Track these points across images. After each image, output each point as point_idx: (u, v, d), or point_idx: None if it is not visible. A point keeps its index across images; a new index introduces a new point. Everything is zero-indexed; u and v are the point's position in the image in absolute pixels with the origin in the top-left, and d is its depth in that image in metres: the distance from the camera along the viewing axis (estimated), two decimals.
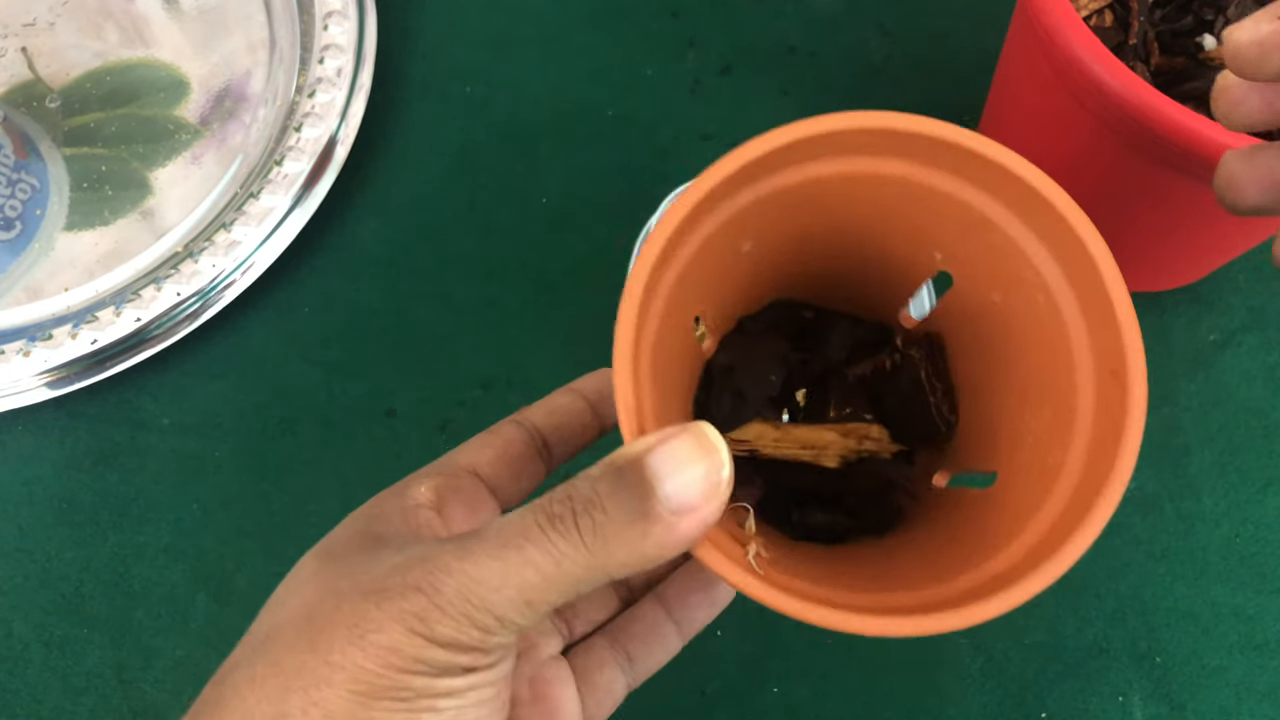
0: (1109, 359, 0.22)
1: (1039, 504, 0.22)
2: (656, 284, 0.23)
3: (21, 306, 0.46)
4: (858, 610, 0.21)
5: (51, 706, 0.41)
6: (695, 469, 0.19)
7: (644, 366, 0.22)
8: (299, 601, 0.21)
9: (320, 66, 0.49)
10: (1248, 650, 0.41)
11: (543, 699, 0.24)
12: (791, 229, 0.26)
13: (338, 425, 0.45)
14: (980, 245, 0.24)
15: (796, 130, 0.22)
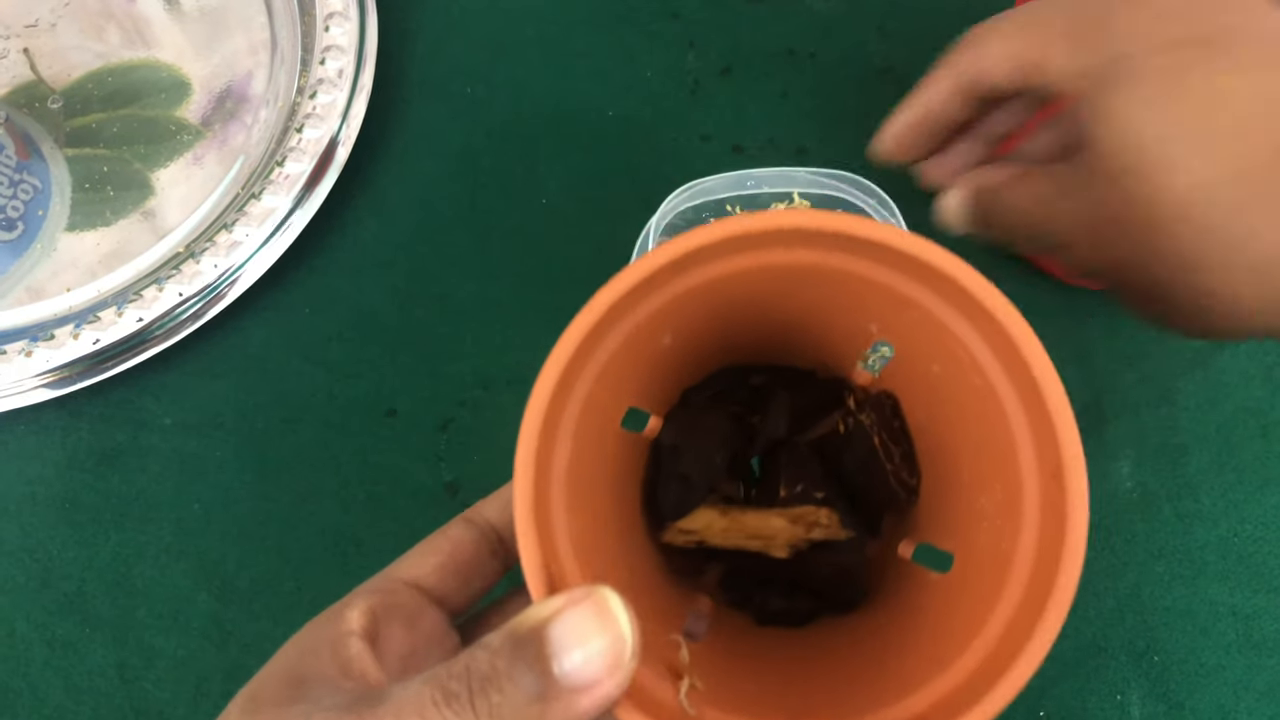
0: (1049, 459, 0.22)
1: (994, 599, 0.22)
2: (564, 402, 0.22)
3: (23, 307, 0.47)
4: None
5: (54, 706, 0.41)
6: (597, 642, 0.18)
7: (557, 502, 0.22)
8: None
9: (321, 67, 0.49)
10: (1246, 649, 0.41)
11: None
12: (717, 319, 0.26)
13: (338, 425, 0.45)
14: (911, 322, 0.24)
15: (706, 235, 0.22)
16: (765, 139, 0.50)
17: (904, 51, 0.52)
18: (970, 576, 0.23)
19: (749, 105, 0.51)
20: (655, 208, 0.42)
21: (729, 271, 0.24)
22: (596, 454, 0.24)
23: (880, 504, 0.27)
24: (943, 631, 0.23)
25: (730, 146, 0.50)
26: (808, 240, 0.23)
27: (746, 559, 0.27)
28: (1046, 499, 0.22)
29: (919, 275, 0.23)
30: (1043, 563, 0.21)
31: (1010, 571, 0.22)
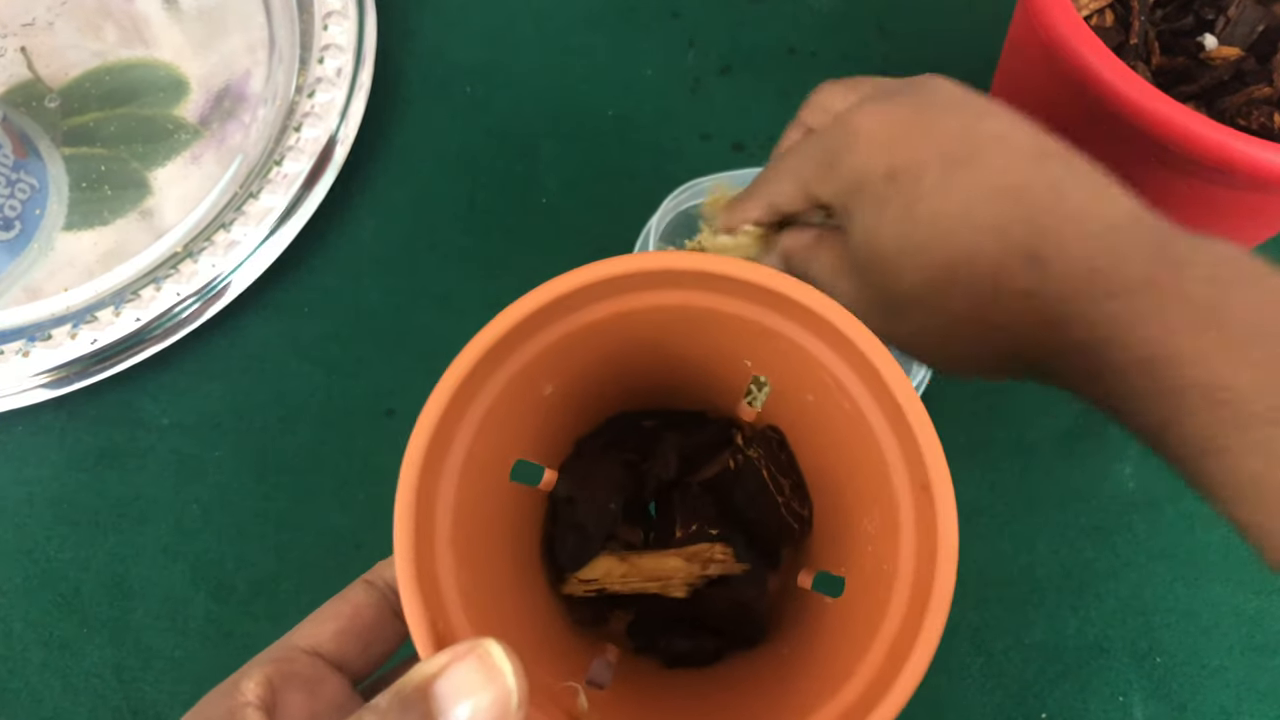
0: (918, 474, 0.22)
1: (880, 617, 0.22)
2: (443, 457, 0.22)
3: (21, 306, 0.46)
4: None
5: (51, 706, 0.41)
6: (482, 695, 0.18)
7: (444, 557, 0.22)
8: None
9: (320, 66, 0.49)
10: (1248, 650, 0.41)
11: None
12: (598, 365, 0.26)
13: (336, 425, 0.45)
14: (779, 354, 0.25)
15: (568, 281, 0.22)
16: (766, 137, 0.50)
17: (904, 51, 0.52)
18: (859, 598, 0.24)
19: (749, 104, 0.51)
20: (656, 207, 0.42)
21: (599, 317, 0.24)
22: (486, 507, 0.24)
23: (775, 536, 0.28)
24: (837, 653, 0.23)
25: (730, 145, 0.50)
26: (672, 281, 0.23)
27: (650, 603, 0.27)
28: (919, 513, 0.22)
29: (781, 308, 0.23)
30: (920, 576, 0.22)
31: (893, 588, 0.22)
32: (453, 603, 0.21)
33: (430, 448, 0.22)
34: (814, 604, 0.26)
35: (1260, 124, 0.35)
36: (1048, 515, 0.43)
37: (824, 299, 0.22)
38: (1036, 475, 0.43)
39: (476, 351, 0.22)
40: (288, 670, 0.22)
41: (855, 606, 0.24)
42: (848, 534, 0.26)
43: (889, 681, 0.21)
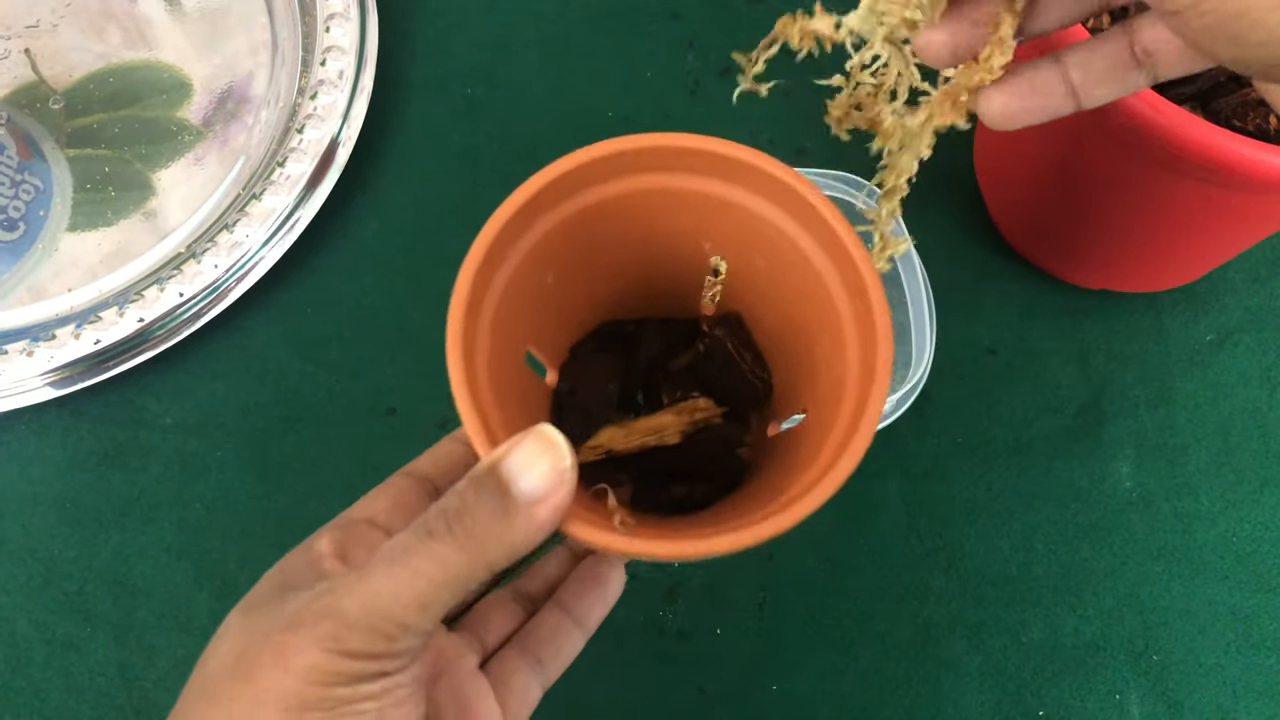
0: (852, 281, 0.26)
1: (835, 417, 0.26)
2: (475, 324, 0.26)
3: (25, 307, 0.47)
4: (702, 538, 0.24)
5: (55, 705, 0.41)
6: (541, 464, 0.23)
7: (485, 394, 0.25)
8: (227, 649, 0.23)
9: (322, 68, 0.49)
10: (1244, 648, 0.41)
11: (466, 711, 0.27)
12: (584, 253, 0.29)
13: (339, 424, 0.45)
14: (733, 224, 0.29)
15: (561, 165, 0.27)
16: (765, 139, 0.50)
17: None
18: (818, 411, 0.28)
19: (749, 105, 0.51)
20: None
21: (588, 204, 0.28)
22: (510, 372, 0.28)
23: (744, 400, 0.32)
24: (804, 451, 0.27)
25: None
26: (646, 159, 0.28)
27: (648, 462, 0.31)
28: (858, 318, 0.26)
29: (734, 177, 0.28)
30: (865, 361, 0.26)
31: (845, 387, 0.26)
32: (496, 428, 0.25)
33: (472, 291, 0.26)
34: (783, 440, 0.30)
35: (1256, 126, 0.36)
36: (1045, 514, 0.43)
37: (769, 159, 0.27)
38: (1034, 474, 0.43)
39: (495, 225, 0.26)
40: (353, 533, 0.26)
41: (816, 419, 0.28)
42: (803, 376, 0.30)
43: (846, 444, 0.25)
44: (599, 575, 0.30)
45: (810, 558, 0.42)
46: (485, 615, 0.30)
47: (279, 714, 0.21)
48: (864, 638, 0.41)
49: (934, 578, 0.42)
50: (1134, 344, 0.46)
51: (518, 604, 0.30)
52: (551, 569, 0.31)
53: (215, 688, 0.22)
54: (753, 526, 0.24)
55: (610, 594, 0.30)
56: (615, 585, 0.30)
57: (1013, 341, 0.46)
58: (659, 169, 0.28)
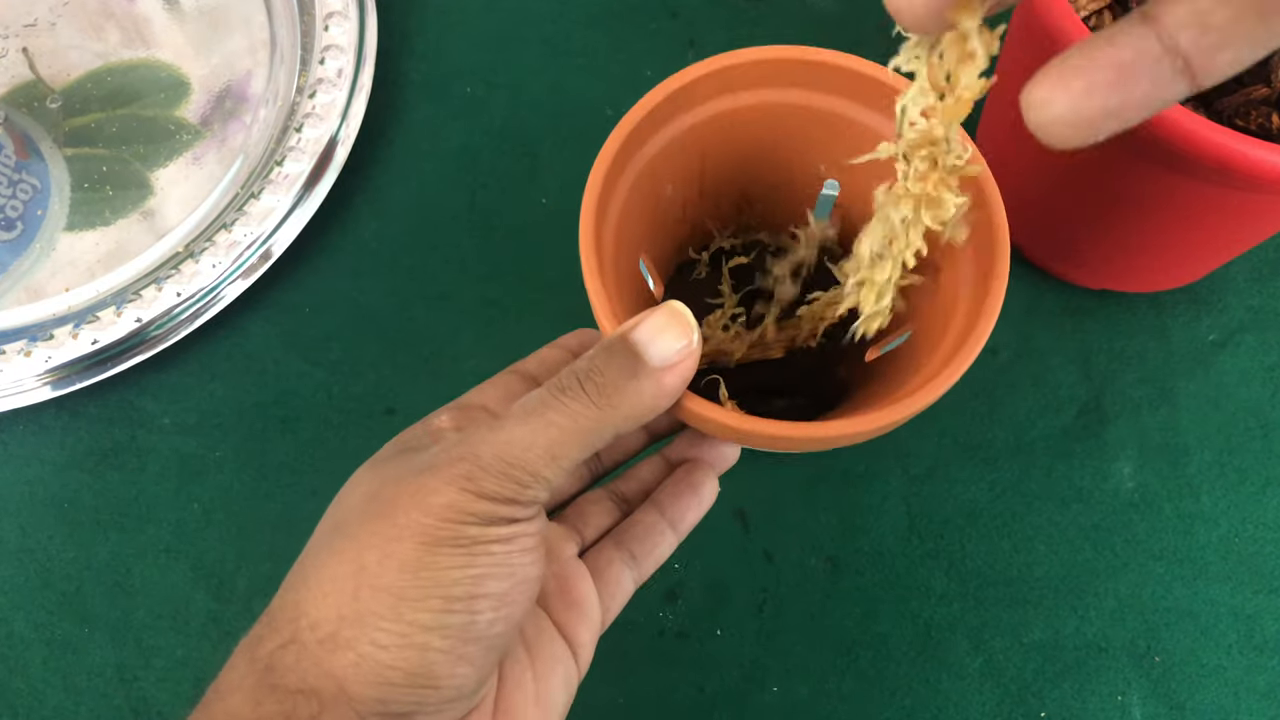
0: (972, 193, 0.26)
1: (946, 325, 0.27)
2: (603, 222, 0.27)
3: (23, 306, 0.47)
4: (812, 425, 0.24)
5: (53, 706, 0.41)
6: (671, 333, 0.24)
7: (611, 286, 0.27)
8: (361, 492, 0.24)
9: (321, 67, 0.49)
10: (1246, 650, 0.41)
11: (567, 590, 0.28)
12: (701, 166, 0.30)
13: (338, 425, 0.45)
14: (853, 145, 0.29)
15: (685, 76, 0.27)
16: None
17: None
18: (927, 326, 0.28)
19: None
20: None
21: (705, 118, 0.28)
22: (627, 282, 0.29)
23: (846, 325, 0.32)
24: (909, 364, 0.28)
25: None
26: (769, 71, 0.28)
27: (751, 374, 0.32)
28: (975, 229, 0.26)
29: (854, 93, 0.28)
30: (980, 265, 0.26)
31: (956, 303, 0.26)
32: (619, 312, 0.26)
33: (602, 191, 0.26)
34: (882, 361, 0.31)
35: (1259, 125, 0.35)
36: (1047, 515, 0.43)
37: (891, 73, 0.26)
38: (1036, 475, 0.43)
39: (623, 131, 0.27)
40: (469, 415, 0.28)
41: (923, 335, 0.28)
42: (912, 296, 0.29)
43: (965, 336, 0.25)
44: (693, 481, 0.31)
45: (810, 558, 0.42)
46: (584, 510, 0.31)
47: (415, 548, 0.22)
48: (864, 638, 0.41)
49: (935, 578, 0.42)
50: (1136, 344, 0.46)
51: (613, 503, 0.32)
52: (646, 475, 0.32)
53: (350, 526, 0.23)
54: (860, 415, 0.24)
55: (705, 500, 0.31)
56: (709, 492, 0.31)
57: (1014, 341, 0.46)
58: (774, 84, 0.28)
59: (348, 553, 0.23)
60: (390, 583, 0.22)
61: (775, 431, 0.24)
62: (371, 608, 0.22)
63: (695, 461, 0.32)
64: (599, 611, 0.29)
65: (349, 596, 0.22)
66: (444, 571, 0.22)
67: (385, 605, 0.22)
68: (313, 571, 0.23)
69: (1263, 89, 0.36)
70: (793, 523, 0.43)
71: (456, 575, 0.22)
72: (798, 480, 0.43)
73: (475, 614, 0.22)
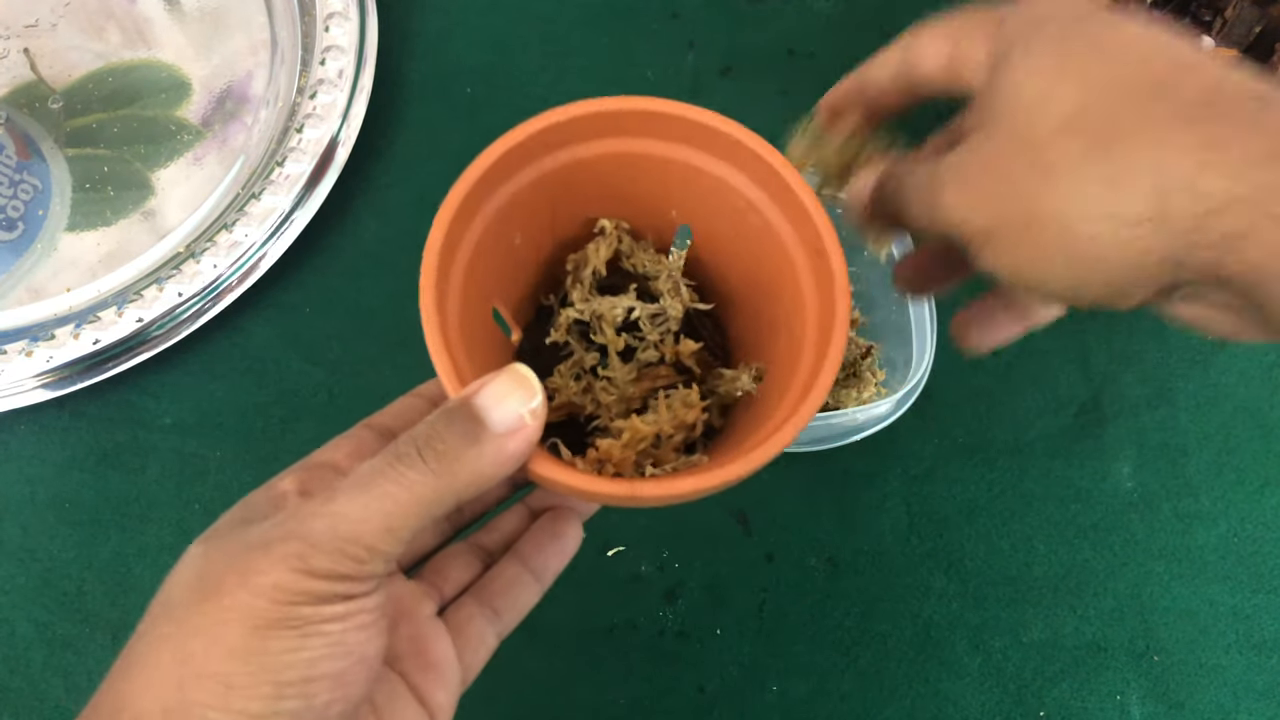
0: (811, 242, 0.28)
1: (795, 368, 0.27)
2: (447, 276, 0.26)
3: (24, 306, 0.47)
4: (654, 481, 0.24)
5: (53, 705, 0.41)
6: (514, 397, 0.23)
7: (456, 343, 0.26)
8: (191, 572, 0.23)
9: (321, 68, 0.49)
10: (1245, 649, 0.41)
11: (423, 652, 0.27)
12: (551, 216, 0.30)
13: (337, 424, 0.45)
14: (700, 192, 0.30)
15: (532, 125, 0.27)
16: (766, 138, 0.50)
17: None
18: (778, 367, 0.29)
19: (749, 105, 0.51)
20: None
21: (556, 166, 0.29)
22: (481, 334, 0.29)
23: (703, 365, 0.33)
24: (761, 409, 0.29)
25: None
26: (613, 123, 0.28)
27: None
28: (817, 277, 0.27)
29: (703, 143, 0.29)
30: (822, 323, 0.27)
31: (803, 345, 0.27)
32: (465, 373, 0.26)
33: (445, 243, 0.26)
34: (741, 401, 0.31)
35: None
36: (1046, 515, 0.43)
37: (737, 125, 0.28)
38: (1035, 475, 0.43)
39: (467, 182, 0.27)
40: (315, 475, 0.26)
41: (775, 373, 0.29)
42: (764, 335, 0.31)
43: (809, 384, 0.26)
44: (557, 530, 0.30)
45: (810, 558, 0.42)
46: (443, 566, 0.30)
47: (244, 632, 0.21)
48: (864, 638, 0.41)
49: (934, 578, 0.42)
50: (1134, 344, 0.46)
51: (475, 556, 0.31)
52: (509, 525, 0.31)
53: (178, 609, 0.22)
54: (712, 470, 0.24)
55: (568, 548, 0.30)
56: (573, 540, 0.31)
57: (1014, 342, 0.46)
58: (626, 133, 0.29)
59: (173, 639, 0.21)
60: (217, 669, 0.21)
61: (623, 492, 0.24)
62: (198, 698, 0.21)
63: (558, 509, 0.31)
64: (458, 671, 0.28)
65: (173, 686, 0.21)
66: (275, 656, 0.21)
67: (213, 695, 0.21)
68: (137, 660, 0.22)
69: None
70: (793, 523, 0.43)
71: (289, 659, 0.21)
72: (798, 481, 0.43)
73: (310, 697, 0.21)
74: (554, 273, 0.33)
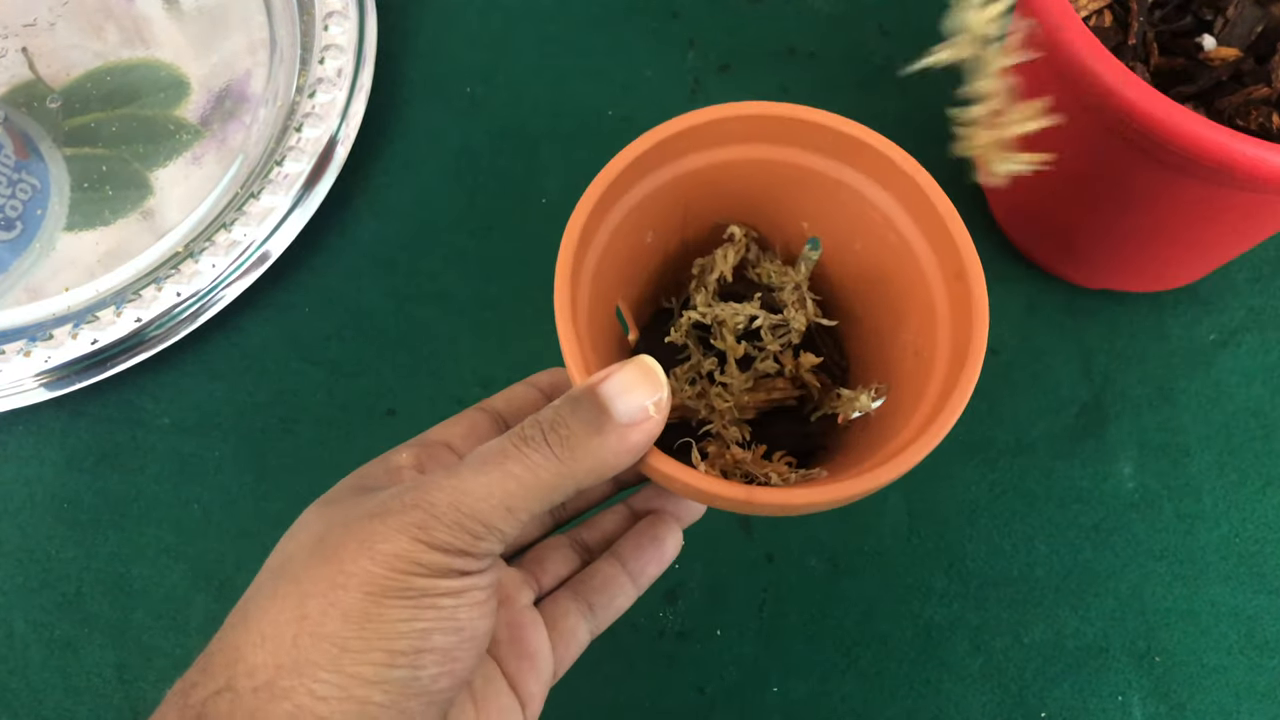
0: (951, 264, 0.27)
1: (923, 391, 0.27)
2: (580, 270, 0.26)
3: (22, 306, 0.47)
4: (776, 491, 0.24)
5: (52, 706, 0.41)
6: (641, 390, 0.23)
7: (584, 332, 0.26)
8: (309, 534, 0.23)
9: (320, 67, 0.49)
10: (1247, 650, 0.41)
11: (519, 640, 0.28)
12: (683, 218, 0.30)
13: (338, 425, 0.45)
14: (837, 205, 0.29)
15: (676, 125, 0.27)
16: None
17: (904, 51, 0.52)
18: (902, 389, 0.28)
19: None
20: None
21: (692, 169, 0.29)
22: (603, 330, 0.29)
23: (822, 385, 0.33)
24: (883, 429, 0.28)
25: None
26: (757, 129, 0.28)
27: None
28: (953, 300, 0.27)
29: (845, 155, 0.28)
30: (958, 339, 0.26)
31: (933, 367, 0.27)
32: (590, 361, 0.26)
33: (581, 238, 0.26)
34: (860, 421, 0.31)
35: (1259, 124, 0.35)
36: (1047, 515, 0.43)
37: (883, 138, 0.27)
38: (1036, 475, 0.43)
39: (606, 179, 0.27)
40: (430, 453, 0.27)
41: (900, 395, 0.28)
42: (889, 355, 0.30)
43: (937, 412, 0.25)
44: (657, 534, 0.30)
45: (811, 558, 0.42)
46: (542, 557, 0.30)
47: (360, 597, 0.21)
48: (865, 639, 0.41)
49: (935, 578, 0.42)
50: (1136, 344, 0.46)
51: (574, 551, 0.31)
52: (609, 524, 0.32)
53: (295, 569, 0.22)
54: (834, 483, 0.24)
55: (667, 554, 0.31)
56: (672, 546, 0.31)
57: (1015, 341, 0.46)
58: (767, 140, 0.29)
59: (290, 597, 0.22)
60: (332, 632, 0.21)
61: (740, 496, 0.24)
62: (311, 657, 0.21)
63: (660, 513, 0.31)
64: (551, 663, 0.28)
65: (288, 643, 0.21)
66: (389, 624, 0.21)
67: (326, 655, 0.21)
68: (253, 614, 0.22)
69: (1263, 89, 0.36)
70: (793, 523, 0.43)
71: (402, 628, 0.21)
72: None
73: (419, 669, 0.22)
74: (679, 276, 0.33)
